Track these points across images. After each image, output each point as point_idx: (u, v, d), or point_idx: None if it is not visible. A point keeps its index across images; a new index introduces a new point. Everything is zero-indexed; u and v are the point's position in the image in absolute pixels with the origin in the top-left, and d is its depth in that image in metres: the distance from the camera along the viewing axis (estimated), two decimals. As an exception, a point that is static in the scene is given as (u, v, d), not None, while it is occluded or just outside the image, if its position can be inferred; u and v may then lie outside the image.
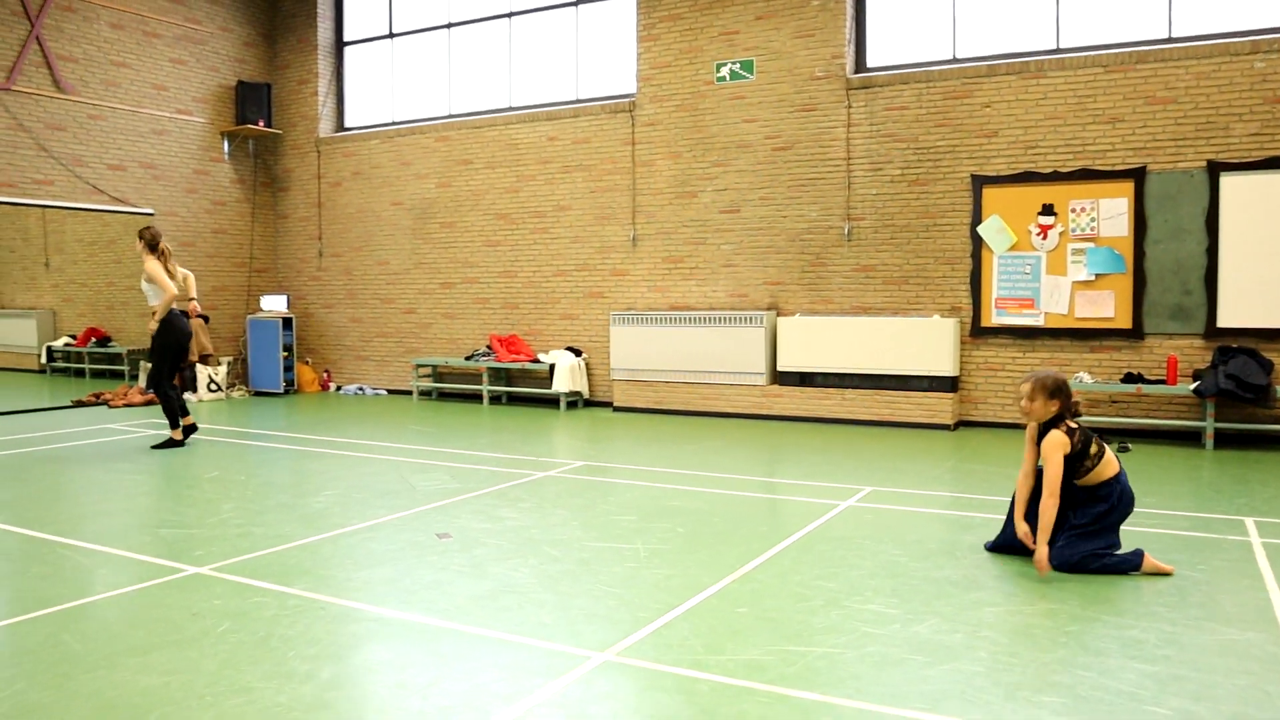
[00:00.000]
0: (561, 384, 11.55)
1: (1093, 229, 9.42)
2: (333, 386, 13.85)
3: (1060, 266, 9.58)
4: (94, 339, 14.39)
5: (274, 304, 13.48)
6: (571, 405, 11.95)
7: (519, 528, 5.87)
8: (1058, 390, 4.96)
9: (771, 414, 10.66)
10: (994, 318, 9.82)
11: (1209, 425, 8.69)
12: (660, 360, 11.18)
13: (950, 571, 4.88)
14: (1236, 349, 8.85)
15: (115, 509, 6.55)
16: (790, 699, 3.39)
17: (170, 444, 8.82)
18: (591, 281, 12.04)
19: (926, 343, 9.84)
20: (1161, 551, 5.17)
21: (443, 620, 4.22)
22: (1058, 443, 4.89)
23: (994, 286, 9.81)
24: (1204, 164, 8.99)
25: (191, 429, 9.06)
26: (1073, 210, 9.49)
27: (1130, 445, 8.70)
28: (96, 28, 11.95)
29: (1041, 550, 4.80)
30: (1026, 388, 5.00)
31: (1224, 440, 8.96)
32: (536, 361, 11.84)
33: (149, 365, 9.43)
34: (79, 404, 12.04)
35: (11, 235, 15.13)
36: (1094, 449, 4.96)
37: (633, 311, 11.49)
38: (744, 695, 3.41)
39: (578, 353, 11.90)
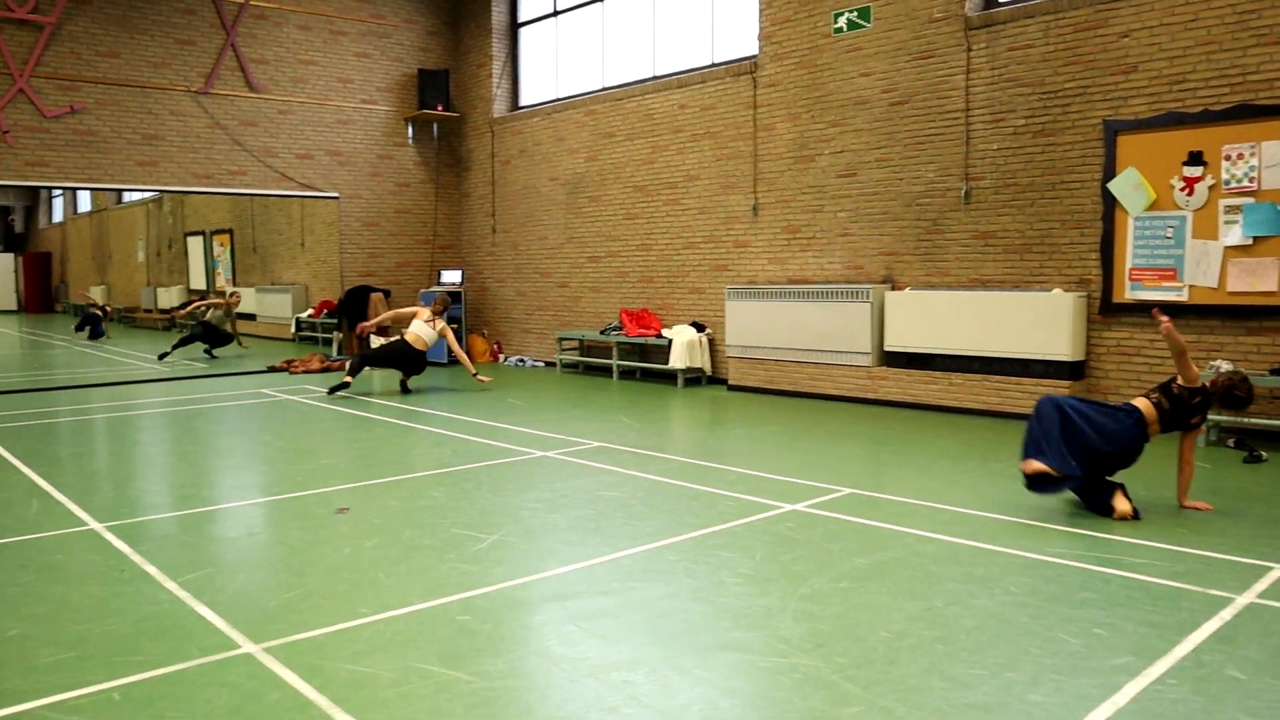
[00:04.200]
0: (678, 360, 11.16)
1: (1251, 180, 7.51)
2: (501, 358, 14.41)
3: (1210, 229, 7.74)
4: (325, 311, 15.98)
5: (450, 278, 14.24)
6: (694, 382, 11.53)
7: (418, 510, 5.80)
8: None
9: (876, 398, 9.62)
10: (1128, 292, 8.14)
11: (1387, 432, 6.69)
12: (770, 337, 10.46)
13: (748, 604, 4.11)
14: None
15: (135, 463, 7.34)
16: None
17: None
18: (717, 254, 11.52)
19: (1042, 321, 8.38)
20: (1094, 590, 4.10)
21: (186, 594, 4.26)
22: None
23: (1129, 254, 8.13)
24: (1406, 90, 6.87)
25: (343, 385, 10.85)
26: (1227, 157, 7.61)
27: (1265, 454, 6.89)
28: (286, 30, 13.21)
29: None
30: None
31: None
32: (659, 336, 11.55)
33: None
34: (272, 369, 13.41)
35: (279, 220, 17.27)
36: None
37: (745, 285, 10.87)
38: (300, 710, 3.15)
39: (701, 328, 11.45)
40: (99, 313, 17.37)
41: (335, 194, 13.77)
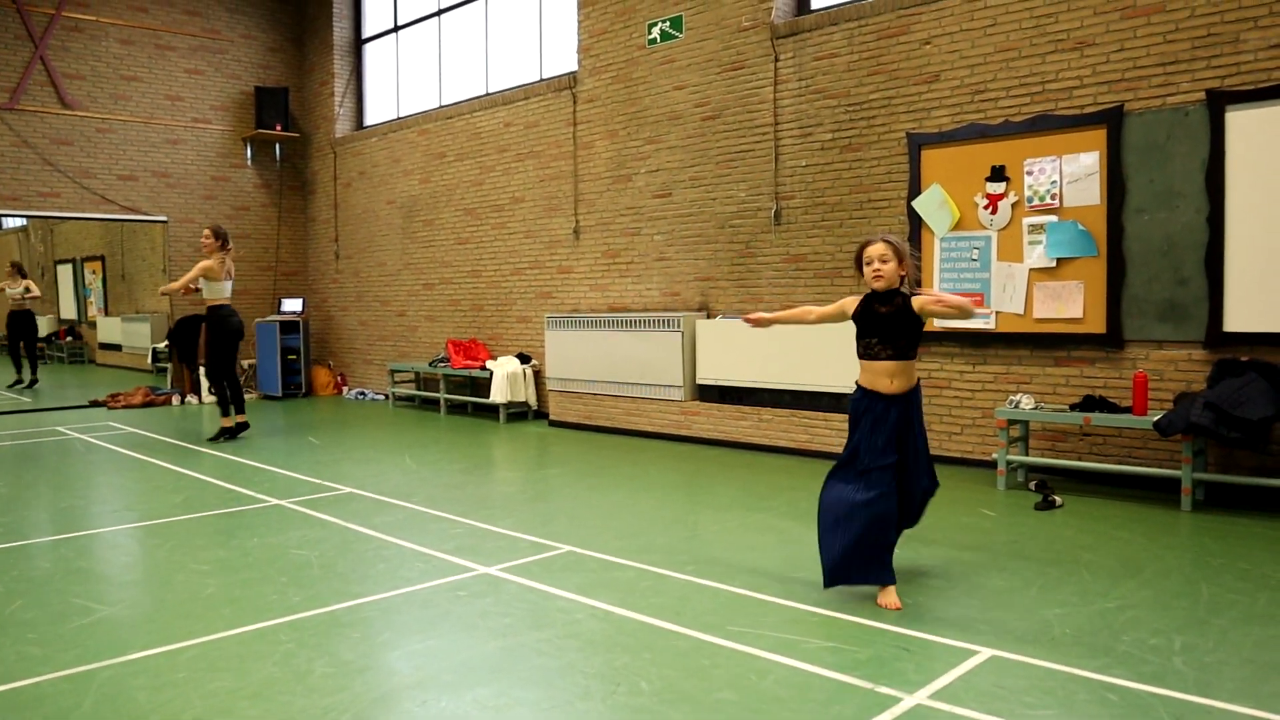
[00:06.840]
0: (499, 394, 10.36)
1: (1053, 197, 6.90)
2: (344, 390, 13.56)
3: (1014, 250, 7.11)
4: (179, 342, 15.03)
5: (290, 306, 13.39)
6: (520, 417, 10.75)
7: (64, 572, 5.01)
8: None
9: (689, 435, 8.89)
10: (936, 320, 7.49)
11: (1185, 475, 6.01)
12: (586, 369, 9.72)
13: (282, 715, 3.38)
14: (1247, 363, 6.08)
15: None
16: None
17: (223, 434, 9.36)
18: (542, 280, 10.79)
19: (844, 351, 7.68)
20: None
21: None
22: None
23: (936, 278, 7.49)
24: (1202, 95, 6.27)
25: (243, 426, 9.45)
26: (1029, 172, 6.99)
27: (1059, 498, 6.22)
28: (105, 45, 12.36)
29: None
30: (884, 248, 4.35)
31: (1217, 497, 6.22)
32: (483, 369, 10.76)
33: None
34: (94, 403, 12.43)
35: (144, 246, 16.40)
36: None
37: (563, 314, 10.14)
38: None
39: (526, 359, 10.69)
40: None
41: (163, 217, 12.91)
